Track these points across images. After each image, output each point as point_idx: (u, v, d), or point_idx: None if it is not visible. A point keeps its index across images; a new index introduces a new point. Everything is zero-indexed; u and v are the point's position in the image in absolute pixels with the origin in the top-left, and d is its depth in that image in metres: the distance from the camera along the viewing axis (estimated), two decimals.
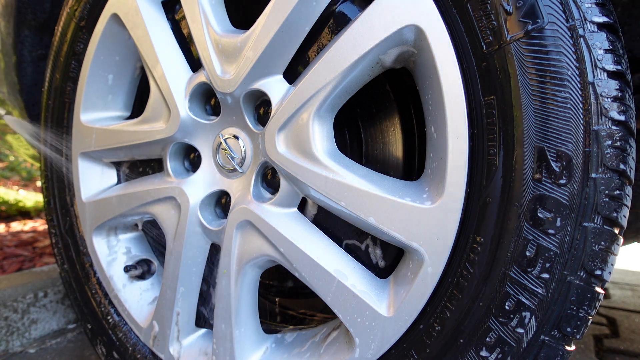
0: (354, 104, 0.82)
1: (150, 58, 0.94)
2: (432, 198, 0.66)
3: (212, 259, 0.97)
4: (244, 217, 0.83)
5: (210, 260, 0.97)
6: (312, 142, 0.74)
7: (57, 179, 1.18)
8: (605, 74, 0.56)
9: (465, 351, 0.64)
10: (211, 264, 0.98)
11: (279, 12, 0.74)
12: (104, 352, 1.10)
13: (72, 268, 1.15)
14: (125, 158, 1.08)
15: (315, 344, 0.85)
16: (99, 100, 1.09)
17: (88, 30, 1.05)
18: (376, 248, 0.79)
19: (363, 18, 0.67)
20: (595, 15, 0.57)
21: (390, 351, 0.71)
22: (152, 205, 0.99)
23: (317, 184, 0.73)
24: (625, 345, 1.56)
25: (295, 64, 0.79)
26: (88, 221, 1.11)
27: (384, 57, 0.69)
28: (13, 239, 2.48)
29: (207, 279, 1.00)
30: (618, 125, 0.56)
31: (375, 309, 0.70)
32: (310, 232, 0.80)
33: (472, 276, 0.63)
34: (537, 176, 0.58)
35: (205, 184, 0.94)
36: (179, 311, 0.96)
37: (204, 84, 0.89)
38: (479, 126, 0.61)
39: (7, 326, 1.36)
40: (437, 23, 0.62)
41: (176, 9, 1.00)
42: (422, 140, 0.79)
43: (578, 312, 0.59)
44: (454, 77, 0.62)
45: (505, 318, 0.61)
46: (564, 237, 0.57)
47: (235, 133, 0.88)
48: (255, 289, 0.89)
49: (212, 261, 0.98)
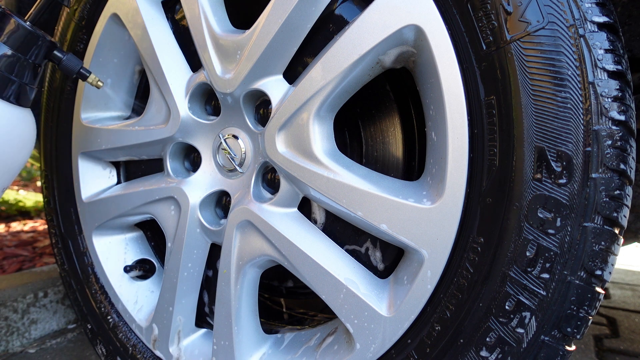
0: (354, 104, 0.82)
1: (150, 58, 0.94)
2: (432, 198, 0.66)
3: (212, 259, 0.97)
4: (244, 217, 0.83)
5: (210, 260, 0.97)
6: (312, 142, 0.74)
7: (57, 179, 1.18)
8: (605, 73, 0.56)
9: (465, 351, 0.64)
10: (211, 264, 0.98)
11: (279, 12, 0.74)
12: (103, 352, 1.10)
13: (72, 268, 1.15)
14: (126, 158, 1.08)
15: (311, 348, 0.84)
16: (99, 100, 1.09)
17: (88, 30, 1.05)
18: (376, 249, 0.79)
19: (363, 18, 0.67)
20: (596, 15, 0.57)
21: (390, 351, 0.71)
22: (152, 205, 0.99)
23: (317, 184, 0.73)
24: (625, 345, 1.56)
25: (295, 64, 0.79)
26: (88, 221, 1.11)
27: (384, 57, 0.69)
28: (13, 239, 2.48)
29: (207, 278, 1.00)
30: (618, 125, 0.56)
31: (376, 309, 0.70)
32: (310, 232, 0.80)
33: (472, 276, 0.62)
34: (537, 176, 0.58)
35: (205, 184, 0.94)
36: (179, 311, 0.96)
37: (204, 84, 0.89)
38: (479, 126, 0.61)
39: (7, 326, 1.36)
40: (437, 23, 0.62)
41: (176, 9, 1.00)
42: (422, 141, 0.79)
43: (578, 312, 0.59)
44: (454, 77, 0.62)
45: (506, 318, 0.61)
46: (564, 237, 0.57)
47: (235, 133, 0.88)
48: (255, 289, 0.89)
49: (212, 261, 0.98)
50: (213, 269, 0.99)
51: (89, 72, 0.87)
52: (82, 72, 0.86)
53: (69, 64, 0.83)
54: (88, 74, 0.86)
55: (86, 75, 0.86)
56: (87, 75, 0.86)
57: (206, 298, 1.01)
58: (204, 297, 1.01)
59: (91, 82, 0.87)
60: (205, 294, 1.01)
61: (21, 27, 0.75)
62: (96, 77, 0.88)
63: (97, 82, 0.88)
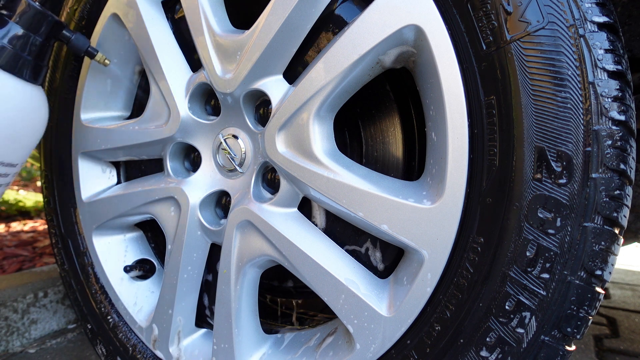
0: (354, 104, 0.82)
1: (150, 58, 0.94)
2: (432, 198, 0.66)
3: (212, 259, 0.97)
4: (244, 217, 0.83)
5: (210, 260, 0.97)
6: (312, 142, 0.74)
7: (57, 179, 1.18)
8: (605, 73, 0.56)
9: (465, 351, 0.64)
10: (211, 264, 0.98)
11: (279, 12, 0.74)
12: (103, 352, 1.10)
13: (72, 268, 1.16)
14: (125, 158, 1.08)
15: (311, 348, 0.84)
16: (99, 100, 1.09)
17: (88, 30, 1.05)
18: (376, 249, 0.79)
19: (363, 18, 0.67)
20: (596, 15, 0.57)
21: (390, 351, 0.71)
22: (152, 205, 0.99)
23: (317, 184, 0.73)
24: (625, 345, 1.56)
25: (295, 64, 0.79)
26: (88, 221, 1.11)
27: (384, 57, 0.69)
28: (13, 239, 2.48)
29: (207, 279, 1.00)
30: (618, 125, 0.56)
31: (376, 309, 0.70)
32: (310, 232, 0.80)
33: (472, 276, 0.62)
34: (538, 176, 0.58)
35: (205, 184, 0.94)
36: (179, 311, 0.96)
37: (204, 84, 0.89)
38: (479, 126, 0.61)
39: (7, 326, 1.36)
40: (437, 23, 0.62)
41: (176, 9, 1.00)
42: (422, 141, 0.79)
43: (578, 312, 0.59)
44: (454, 77, 0.62)
45: (506, 318, 0.61)
46: (564, 237, 0.57)
47: (235, 133, 0.88)
48: (255, 289, 0.89)
49: (212, 261, 0.98)
50: (213, 269, 0.99)
51: (96, 50, 0.90)
52: (90, 50, 0.89)
53: (77, 42, 0.86)
54: (95, 52, 0.90)
55: (94, 53, 0.89)
56: (94, 53, 0.89)
57: (206, 299, 1.01)
58: (203, 297, 1.01)
59: (98, 60, 0.91)
60: (205, 294, 1.01)
61: (32, 7, 0.78)
62: (103, 56, 0.91)
63: (104, 61, 0.91)
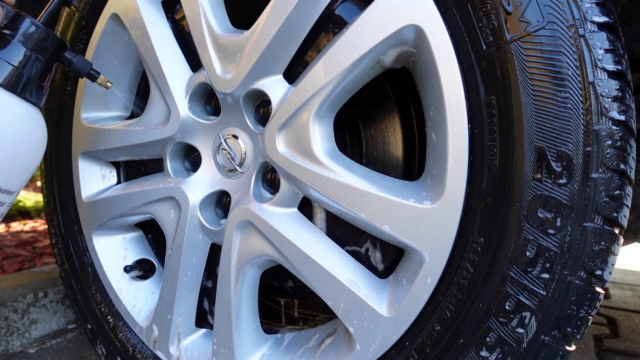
0: (354, 104, 0.82)
1: (150, 58, 0.94)
2: (432, 198, 0.66)
3: (212, 259, 0.97)
4: (244, 217, 0.83)
5: (211, 260, 0.97)
6: (312, 142, 0.74)
7: (57, 179, 1.18)
8: (605, 73, 0.56)
9: (465, 351, 0.64)
10: (211, 264, 0.98)
11: (279, 12, 0.74)
12: (103, 352, 1.10)
13: (72, 268, 1.15)
14: (126, 158, 1.08)
15: (310, 348, 0.84)
16: (99, 100, 1.09)
17: (88, 30, 1.05)
18: (376, 249, 0.79)
19: (363, 18, 0.67)
20: (596, 15, 0.56)
21: (390, 351, 0.71)
22: (152, 205, 0.99)
23: (317, 184, 0.73)
24: (625, 345, 1.56)
25: (295, 64, 0.79)
26: (88, 221, 1.11)
27: (384, 57, 0.69)
28: (13, 239, 2.48)
29: (207, 279, 1.00)
30: (618, 125, 0.56)
31: (376, 309, 0.70)
32: (310, 233, 0.80)
33: (472, 276, 0.62)
34: (538, 176, 0.58)
35: (205, 184, 0.94)
36: (179, 311, 0.96)
37: (204, 84, 0.89)
38: (479, 126, 0.61)
39: (7, 326, 1.36)
40: (437, 23, 0.62)
41: (176, 9, 1.00)
42: (422, 141, 0.79)
43: (578, 312, 0.59)
44: (454, 77, 0.62)
45: (506, 318, 0.61)
46: (564, 237, 0.57)
47: (235, 133, 0.88)
48: (255, 289, 0.89)
49: (212, 261, 0.98)
50: (213, 269, 0.99)
51: (98, 73, 0.88)
52: (92, 73, 0.87)
53: (79, 65, 0.85)
54: (97, 74, 0.88)
55: (95, 76, 0.88)
56: (96, 76, 0.88)
57: (206, 298, 1.01)
58: (204, 296, 1.01)
59: (100, 83, 0.88)
60: (205, 294, 1.01)
61: (36, 28, 0.76)
62: (105, 78, 0.89)
63: (106, 83, 0.89)
